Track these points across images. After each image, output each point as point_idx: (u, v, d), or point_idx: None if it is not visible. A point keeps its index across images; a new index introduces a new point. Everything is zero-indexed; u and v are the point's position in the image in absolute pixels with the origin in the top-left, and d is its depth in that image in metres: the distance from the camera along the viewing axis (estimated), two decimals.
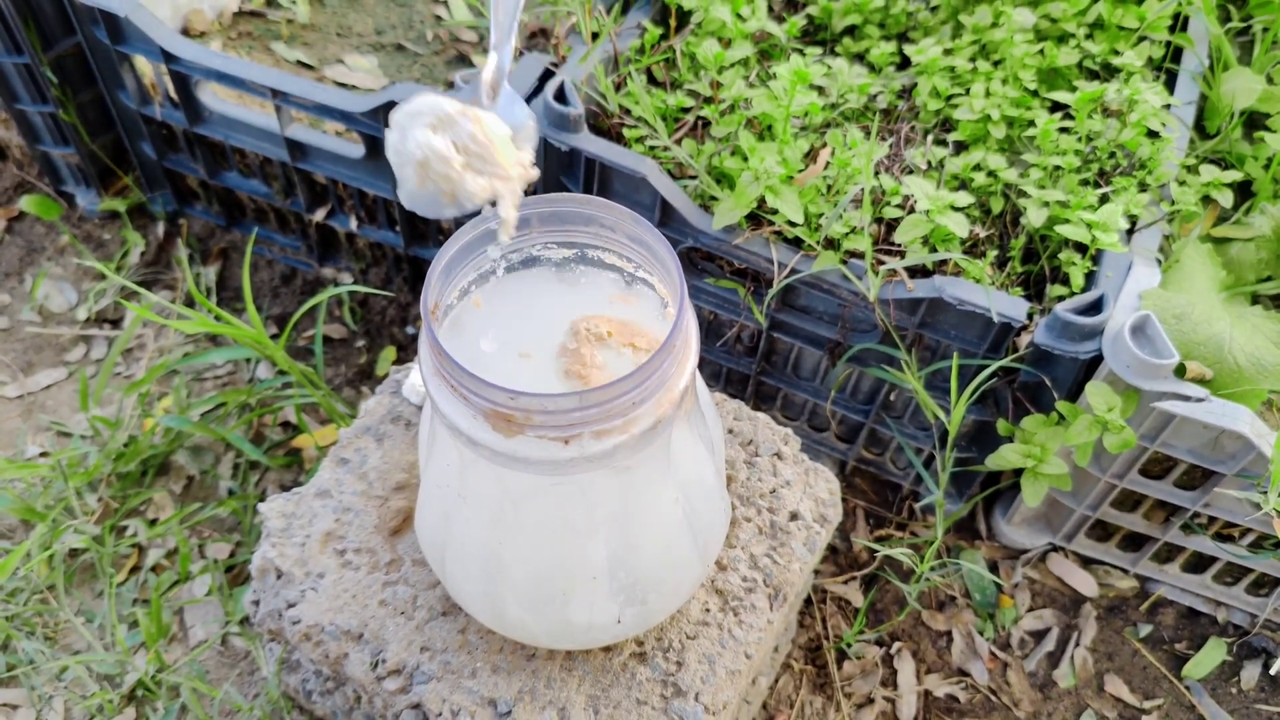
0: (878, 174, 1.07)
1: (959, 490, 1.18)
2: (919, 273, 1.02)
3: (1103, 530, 1.15)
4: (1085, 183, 1.07)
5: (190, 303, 1.43)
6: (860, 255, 1.01)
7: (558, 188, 1.13)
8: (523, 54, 1.19)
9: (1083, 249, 1.04)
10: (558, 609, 0.68)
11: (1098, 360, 0.96)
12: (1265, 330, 0.99)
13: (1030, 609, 1.18)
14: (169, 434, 1.27)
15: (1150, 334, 0.93)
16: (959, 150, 1.13)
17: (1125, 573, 1.19)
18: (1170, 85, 1.20)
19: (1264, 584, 1.12)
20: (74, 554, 1.19)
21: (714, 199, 1.05)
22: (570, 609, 0.68)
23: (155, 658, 1.09)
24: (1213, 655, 1.14)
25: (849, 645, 1.14)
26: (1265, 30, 1.22)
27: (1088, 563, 1.21)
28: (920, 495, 1.23)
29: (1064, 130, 1.11)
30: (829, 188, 1.05)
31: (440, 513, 0.68)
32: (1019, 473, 1.05)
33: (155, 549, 1.21)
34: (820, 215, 1.03)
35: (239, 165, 1.34)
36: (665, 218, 1.05)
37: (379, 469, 0.86)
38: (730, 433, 0.90)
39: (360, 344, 1.41)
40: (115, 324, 1.43)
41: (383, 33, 1.52)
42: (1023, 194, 1.07)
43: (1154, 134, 1.11)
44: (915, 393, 1.03)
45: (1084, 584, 1.19)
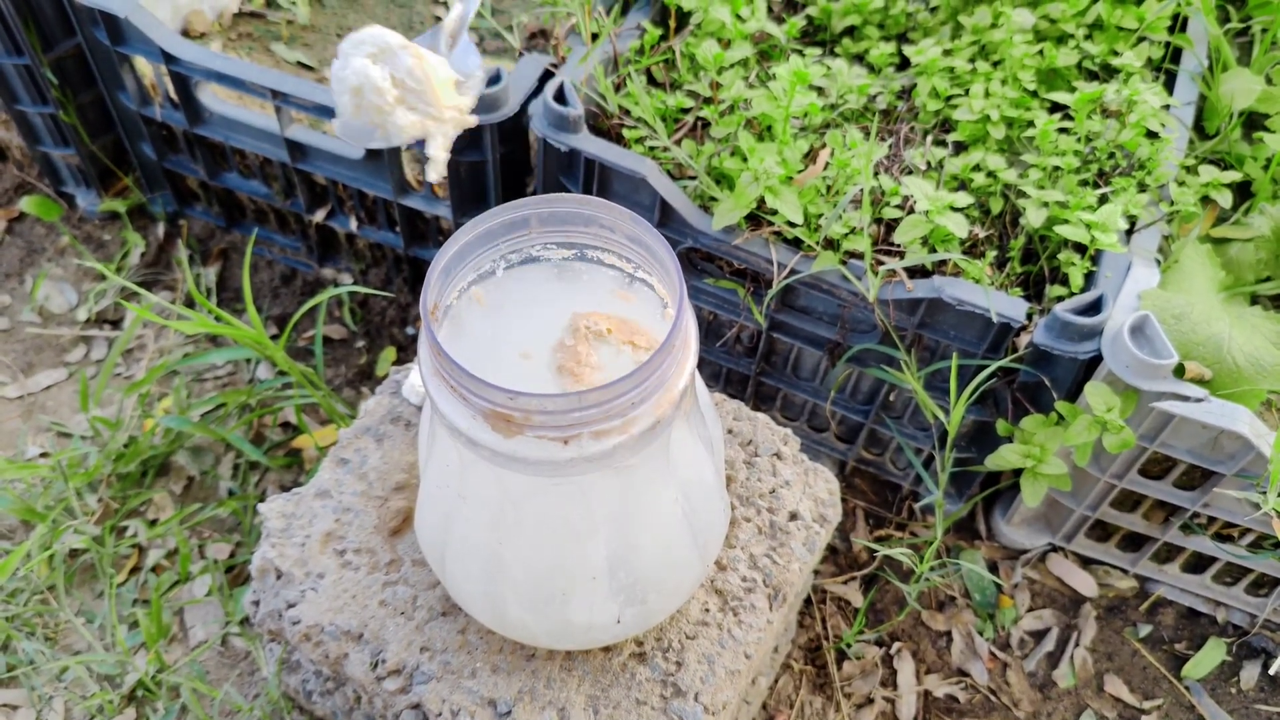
0: (877, 174, 1.07)
1: (958, 490, 1.18)
2: (918, 273, 1.02)
3: (1102, 530, 1.15)
4: (1084, 183, 1.07)
5: (190, 303, 1.43)
6: (860, 256, 1.01)
7: (557, 188, 1.13)
8: (523, 55, 1.19)
9: (1082, 249, 1.04)
10: (557, 609, 0.68)
11: (1097, 360, 0.96)
12: (1264, 330, 1.00)
13: (1030, 609, 1.18)
14: (169, 434, 1.27)
15: (1149, 334, 0.93)
16: (958, 151, 1.13)
17: (1125, 573, 1.19)
18: (1169, 86, 1.20)
19: (1263, 584, 1.12)
20: (74, 554, 1.19)
21: (713, 199, 1.05)
22: (570, 609, 0.68)
23: (155, 658, 1.09)
24: (1212, 655, 1.14)
25: (849, 645, 1.14)
26: (1264, 31, 1.22)
27: (1087, 563, 1.21)
28: (920, 495, 1.23)
29: (1063, 131, 1.11)
30: (828, 188, 1.05)
31: (440, 513, 0.68)
32: (1018, 473, 1.05)
33: (155, 549, 1.21)
34: (820, 216, 1.03)
35: (239, 166, 1.34)
36: (665, 218, 1.06)
37: (379, 469, 0.86)
38: (730, 433, 0.90)
39: (360, 344, 1.41)
40: (115, 325, 1.43)
41: None
42: (1022, 194, 1.07)
43: (1153, 134, 1.11)
44: (915, 393, 1.03)
45: (1084, 584, 1.19)
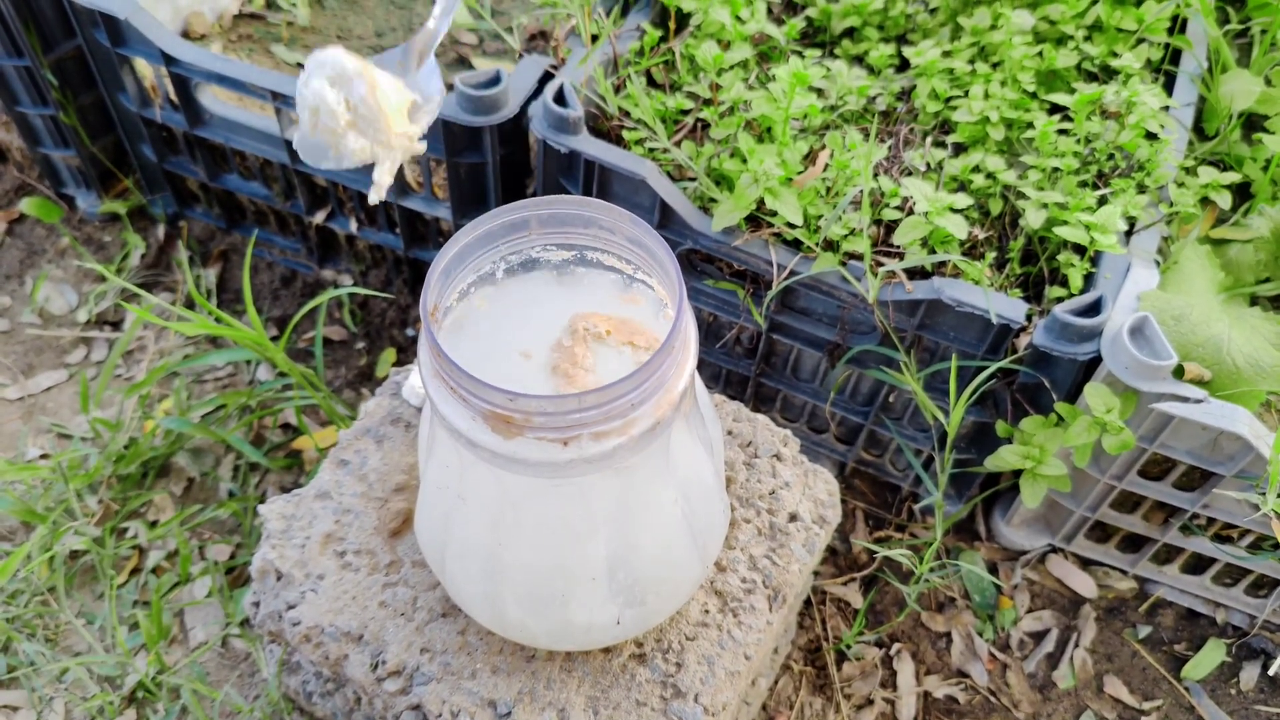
0: (877, 176, 1.07)
1: (958, 491, 1.18)
2: (918, 274, 1.02)
3: (1102, 531, 1.15)
4: (1084, 184, 1.07)
5: (190, 305, 1.43)
6: (859, 257, 1.01)
7: (557, 190, 1.13)
8: (523, 56, 1.20)
9: (1081, 250, 1.04)
10: (557, 610, 0.68)
11: (1096, 361, 0.96)
12: (1264, 331, 1.00)
13: (1029, 610, 1.18)
14: (169, 436, 1.27)
15: (1149, 335, 0.93)
16: (958, 152, 1.13)
17: (1124, 574, 1.19)
18: (1169, 87, 1.20)
19: (1263, 585, 1.12)
20: (74, 556, 1.19)
21: (713, 201, 1.05)
22: (570, 610, 0.68)
23: (156, 659, 1.09)
24: (1212, 656, 1.14)
25: (848, 646, 1.14)
26: (1264, 32, 1.23)
27: (1087, 564, 1.21)
28: (919, 496, 1.23)
29: (1063, 132, 1.11)
30: (828, 189, 1.06)
31: (440, 514, 0.68)
32: (1018, 474, 1.05)
33: (156, 551, 1.21)
34: (819, 217, 1.03)
35: (239, 167, 1.34)
36: (664, 220, 1.06)
37: (379, 471, 0.86)
38: (729, 434, 0.90)
39: (360, 346, 1.41)
40: (116, 326, 1.43)
41: (383, 35, 1.52)
42: (1021, 196, 1.07)
43: (1152, 136, 1.11)
44: (914, 394, 1.03)
45: (1083, 585, 1.20)
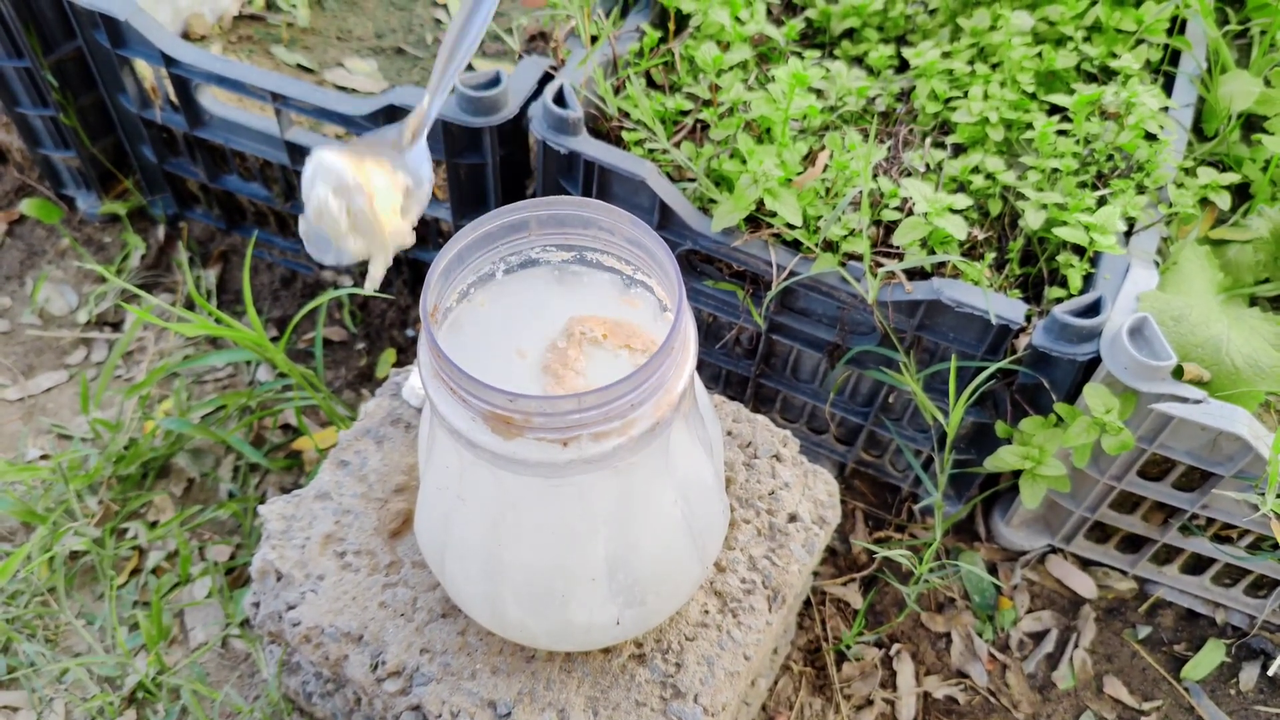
0: (876, 176, 1.07)
1: (958, 492, 1.18)
2: (917, 275, 1.02)
3: (1101, 532, 1.15)
4: (1083, 185, 1.07)
5: (190, 305, 1.43)
6: (859, 257, 1.01)
7: (557, 191, 1.13)
8: (523, 57, 1.20)
9: (1081, 251, 1.04)
10: (557, 610, 0.68)
11: (1096, 362, 0.96)
12: (1263, 332, 1.00)
13: (1029, 610, 1.18)
14: (169, 436, 1.27)
15: (1148, 336, 0.93)
16: (957, 153, 1.14)
17: (1124, 574, 1.19)
18: (1168, 88, 1.20)
19: (1262, 585, 1.12)
20: (74, 556, 1.19)
21: (713, 201, 1.05)
22: (570, 610, 0.68)
23: (156, 660, 1.09)
24: (1211, 656, 1.14)
25: (848, 647, 1.14)
26: (1263, 33, 1.23)
27: (1087, 564, 1.21)
28: (919, 497, 1.23)
29: (1062, 133, 1.11)
30: (827, 190, 1.06)
31: (440, 515, 0.68)
32: (1018, 474, 1.05)
33: (156, 551, 1.21)
34: (819, 218, 1.03)
35: (239, 168, 1.34)
36: (664, 220, 1.06)
37: (379, 471, 0.86)
38: (729, 435, 0.90)
39: (360, 346, 1.41)
40: (116, 327, 1.43)
41: (383, 36, 1.52)
42: (1021, 196, 1.07)
43: (1152, 136, 1.11)
44: (914, 395, 1.03)
45: (1083, 585, 1.20)
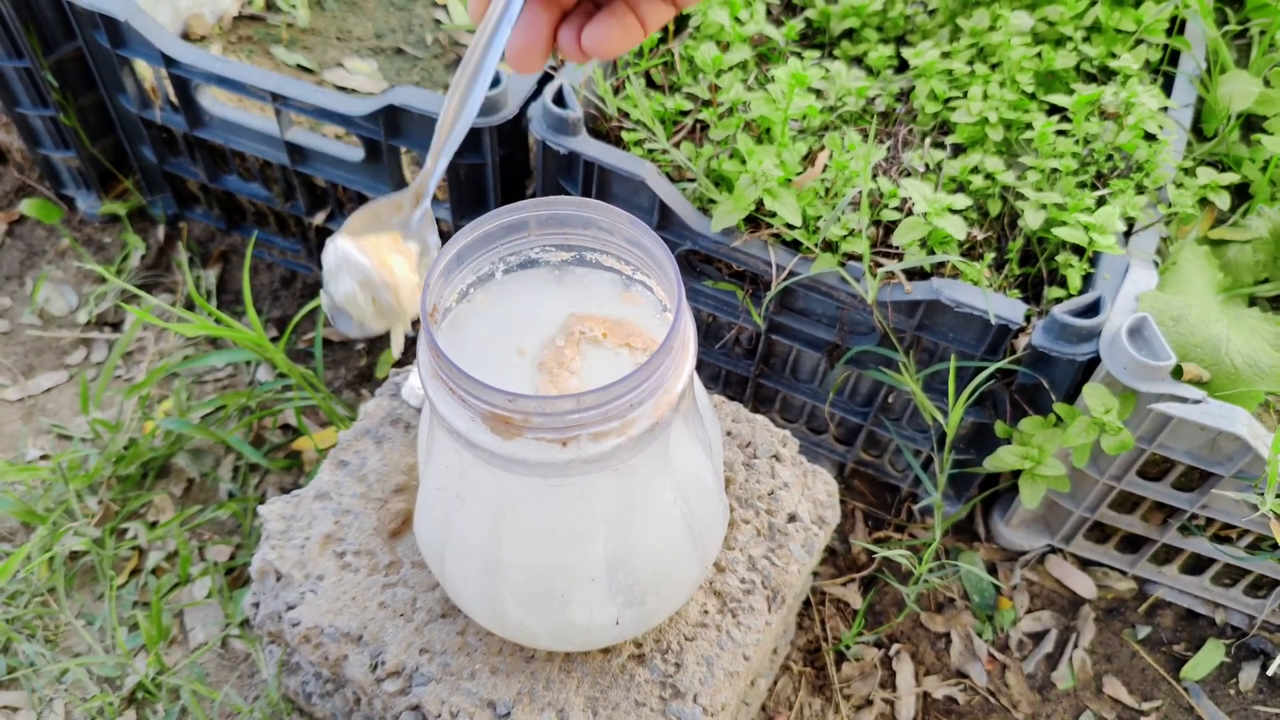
0: (875, 177, 1.08)
1: (957, 492, 1.18)
2: (917, 275, 1.02)
3: (1101, 532, 1.15)
4: (1082, 185, 1.07)
5: (190, 306, 1.43)
6: (858, 258, 1.01)
7: (556, 191, 1.13)
8: None
9: (1080, 251, 1.04)
10: (557, 610, 0.68)
11: (1095, 362, 0.96)
12: (1262, 332, 1.00)
13: (1029, 611, 1.18)
14: (169, 437, 1.27)
15: (1147, 336, 0.93)
16: (957, 153, 1.14)
17: (1124, 574, 1.19)
18: (1167, 88, 1.20)
19: (1262, 585, 1.12)
20: (74, 556, 1.19)
21: (712, 202, 1.05)
22: (569, 610, 0.68)
23: (155, 660, 1.09)
24: (1211, 657, 1.14)
25: (848, 647, 1.14)
26: (1262, 33, 1.23)
27: (1086, 564, 1.21)
28: (919, 497, 1.23)
29: (1061, 133, 1.11)
30: (827, 190, 1.06)
31: (439, 515, 0.68)
32: (1017, 474, 1.05)
33: (155, 551, 1.21)
34: (818, 218, 1.03)
35: (239, 169, 1.34)
36: (664, 220, 1.06)
37: (378, 471, 0.86)
38: (728, 435, 0.90)
39: (360, 347, 1.41)
40: (116, 327, 1.43)
41: (382, 36, 1.52)
42: (1020, 196, 1.08)
43: (1151, 136, 1.12)
44: (913, 395, 1.03)
45: (1082, 585, 1.20)
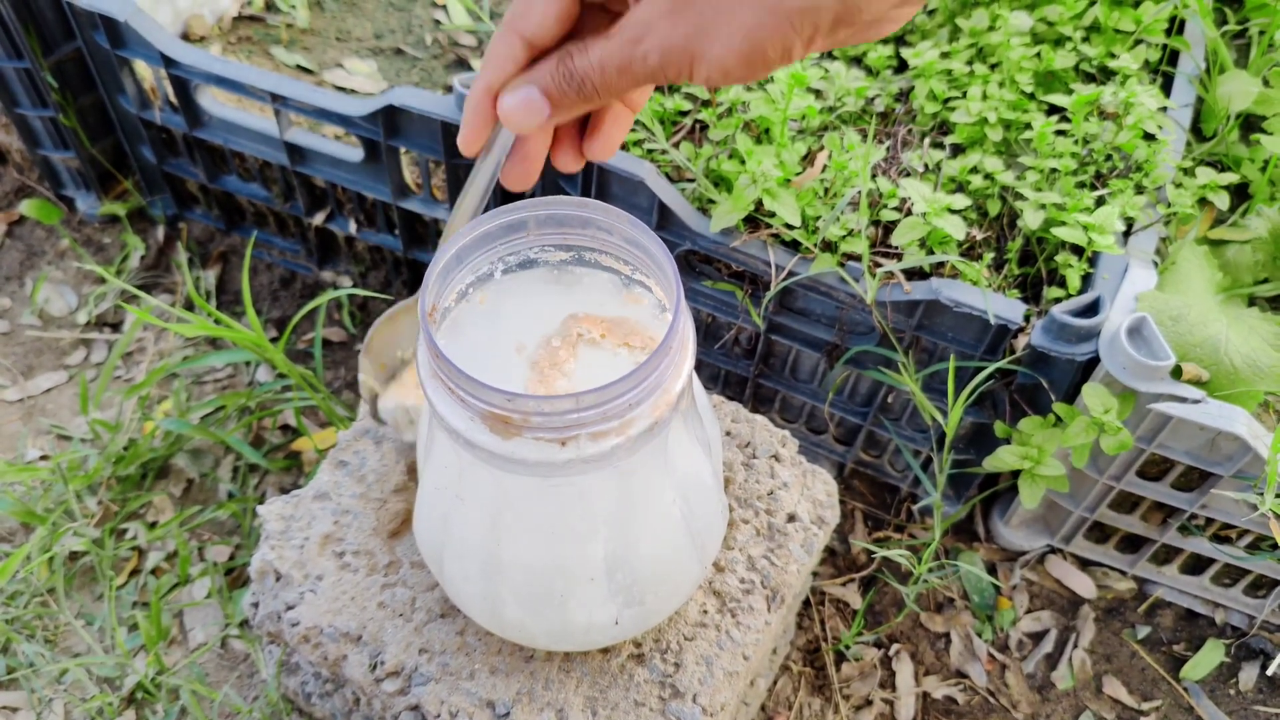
0: (875, 177, 1.08)
1: (957, 492, 1.18)
2: (916, 275, 1.02)
3: (1101, 532, 1.15)
4: (1082, 185, 1.07)
5: (190, 306, 1.43)
6: (858, 258, 1.01)
7: (556, 191, 1.13)
8: None
9: (1079, 251, 1.04)
10: (556, 610, 0.68)
11: (1094, 362, 0.96)
12: (1261, 332, 1.00)
13: (1028, 611, 1.18)
14: (169, 437, 1.27)
15: (1146, 335, 0.93)
16: (956, 153, 1.14)
17: (1123, 574, 1.19)
18: (1167, 88, 1.20)
19: (1262, 585, 1.12)
20: (74, 557, 1.19)
21: (711, 202, 1.05)
22: (569, 610, 0.68)
23: (155, 660, 1.09)
24: (1211, 656, 1.14)
25: (847, 647, 1.14)
26: (1261, 33, 1.23)
27: (1086, 564, 1.21)
28: (918, 497, 1.23)
29: (1060, 133, 1.11)
30: (826, 190, 1.06)
31: (438, 515, 0.68)
32: (1016, 475, 1.06)
33: (155, 552, 1.21)
34: (818, 218, 1.03)
35: (238, 169, 1.34)
36: (663, 220, 1.06)
37: (377, 471, 0.86)
38: (728, 435, 0.90)
39: (359, 347, 1.41)
40: (115, 327, 1.43)
41: (382, 37, 1.52)
42: (1019, 196, 1.08)
43: (1150, 136, 1.12)
44: (913, 395, 1.03)
45: (1082, 585, 1.20)
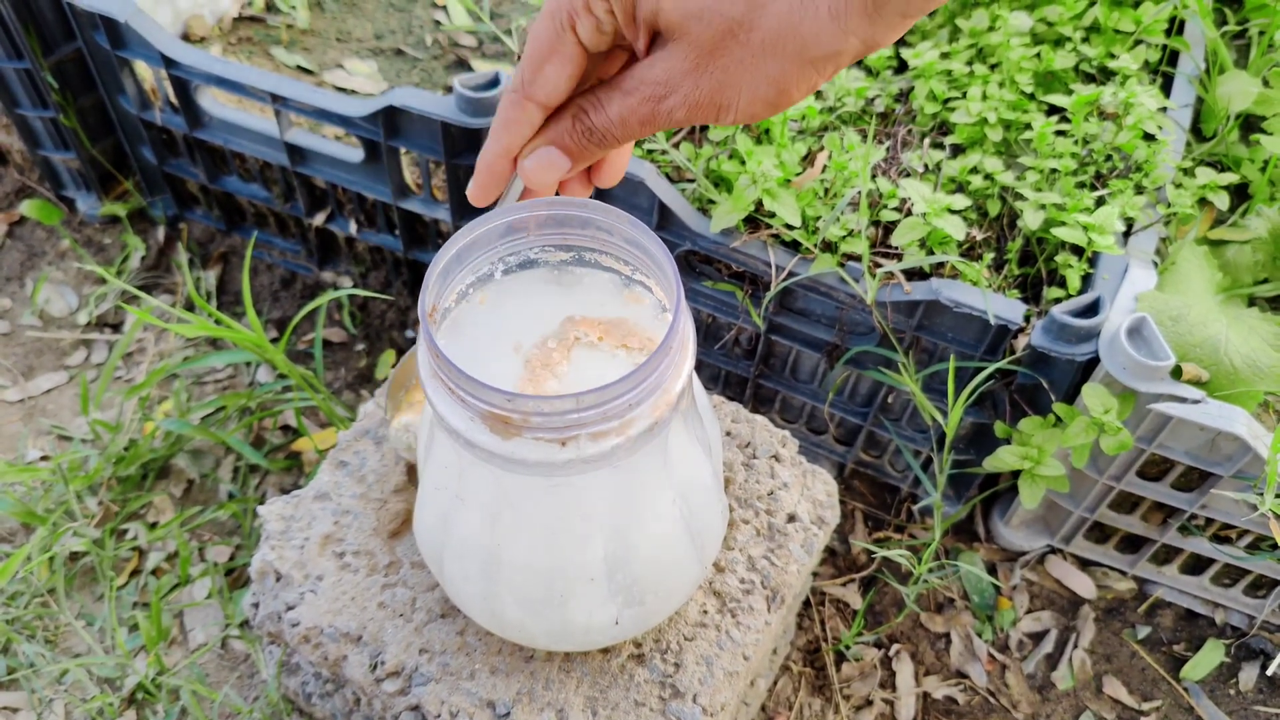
0: (875, 177, 1.08)
1: (957, 492, 1.19)
2: (916, 275, 1.02)
3: (1101, 532, 1.15)
4: (1082, 185, 1.07)
5: (190, 307, 1.43)
6: (858, 258, 1.01)
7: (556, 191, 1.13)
8: (520, 59, 1.20)
9: (1079, 251, 1.04)
10: (556, 610, 0.68)
11: (1094, 362, 0.96)
12: (1261, 332, 1.00)
13: (1028, 611, 1.18)
14: (169, 437, 1.27)
15: (1146, 336, 0.93)
16: (956, 153, 1.14)
17: (1123, 574, 1.19)
18: (1166, 88, 1.20)
19: (1261, 585, 1.12)
20: (74, 557, 1.19)
21: (712, 202, 1.05)
22: (568, 610, 0.68)
23: (155, 661, 1.09)
24: (1211, 657, 1.14)
25: (847, 647, 1.14)
26: (1261, 33, 1.23)
27: (1086, 564, 1.21)
28: (918, 497, 1.23)
29: (1060, 133, 1.11)
30: (826, 191, 1.06)
31: (438, 515, 0.68)
32: (1017, 475, 1.06)
33: (155, 552, 1.21)
34: (818, 218, 1.03)
35: (239, 170, 1.34)
36: (663, 221, 1.06)
37: (378, 472, 0.86)
38: (728, 435, 0.90)
39: (360, 347, 1.41)
40: (116, 328, 1.43)
41: (382, 38, 1.52)
42: (1019, 197, 1.08)
43: (1150, 137, 1.12)
44: (913, 395, 1.03)
45: (1082, 586, 1.20)
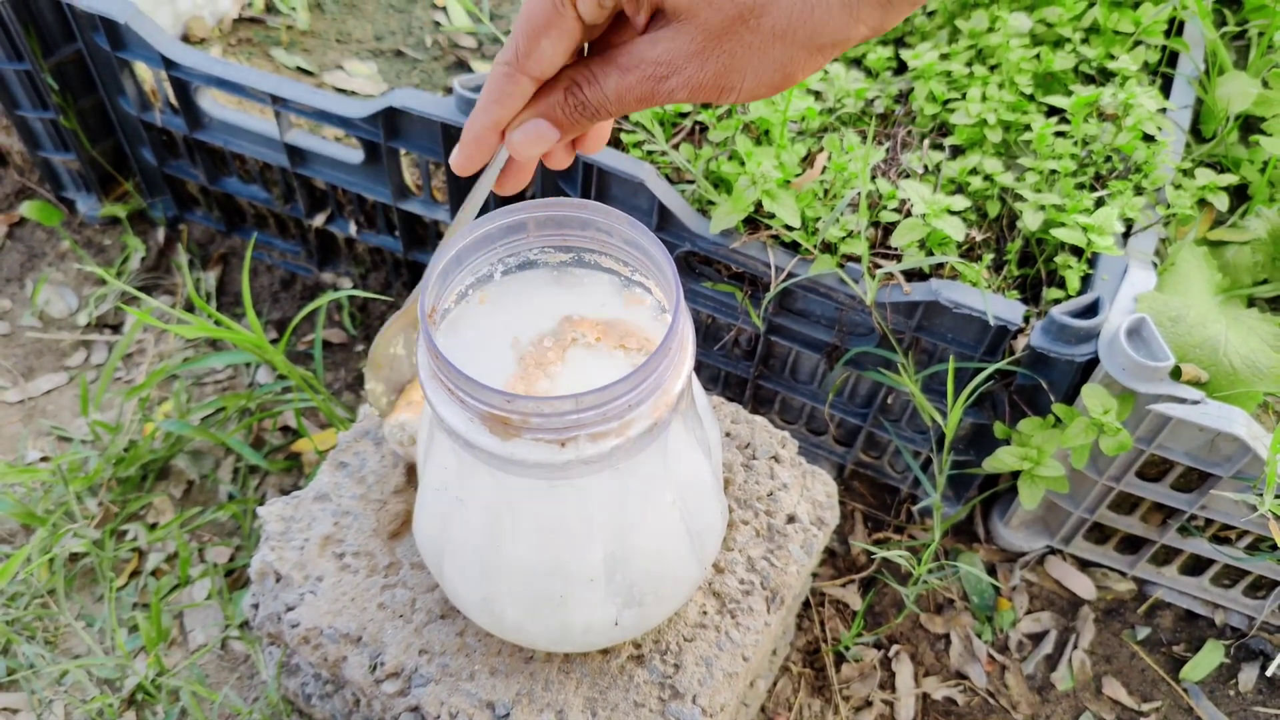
0: (874, 178, 1.08)
1: (956, 493, 1.19)
2: (916, 276, 1.02)
3: (1100, 533, 1.15)
4: (1081, 186, 1.07)
5: (190, 308, 1.43)
6: (857, 259, 1.02)
7: (555, 193, 1.13)
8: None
9: (1079, 252, 1.04)
10: (555, 612, 0.68)
11: (1094, 363, 0.96)
12: (1261, 333, 1.00)
13: (1028, 611, 1.18)
14: (169, 438, 1.27)
15: (1146, 336, 0.93)
16: (955, 154, 1.14)
17: (1123, 575, 1.19)
18: (1166, 89, 1.20)
19: (1261, 586, 1.12)
20: (74, 558, 1.19)
21: (711, 203, 1.05)
22: (568, 611, 0.68)
23: (155, 662, 1.09)
24: (1210, 657, 1.14)
25: (847, 648, 1.14)
26: (1261, 34, 1.23)
27: (1085, 565, 1.21)
28: (918, 498, 1.23)
29: (1060, 134, 1.11)
30: (826, 192, 1.06)
31: (438, 516, 0.68)
32: (1016, 475, 1.06)
33: (155, 553, 1.21)
34: (817, 219, 1.03)
35: (239, 171, 1.35)
36: (663, 222, 1.06)
37: (378, 473, 0.86)
38: (728, 436, 0.90)
39: (360, 348, 1.41)
40: (116, 329, 1.43)
41: (382, 39, 1.52)
42: (1019, 198, 1.08)
43: (1149, 138, 1.12)
44: (912, 396, 1.03)
45: (1082, 586, 1.20)
